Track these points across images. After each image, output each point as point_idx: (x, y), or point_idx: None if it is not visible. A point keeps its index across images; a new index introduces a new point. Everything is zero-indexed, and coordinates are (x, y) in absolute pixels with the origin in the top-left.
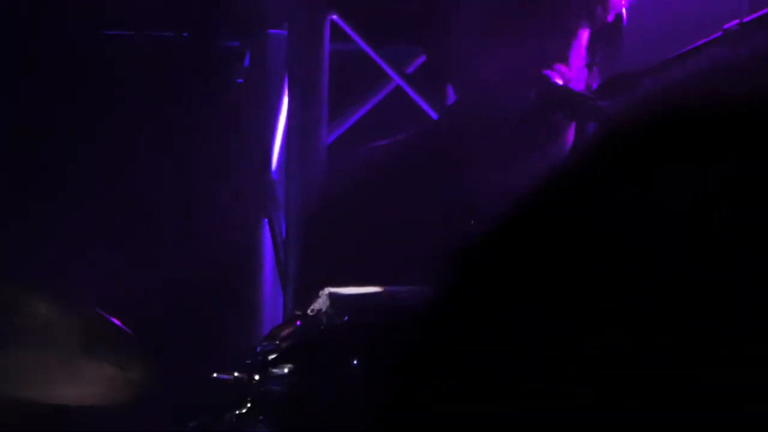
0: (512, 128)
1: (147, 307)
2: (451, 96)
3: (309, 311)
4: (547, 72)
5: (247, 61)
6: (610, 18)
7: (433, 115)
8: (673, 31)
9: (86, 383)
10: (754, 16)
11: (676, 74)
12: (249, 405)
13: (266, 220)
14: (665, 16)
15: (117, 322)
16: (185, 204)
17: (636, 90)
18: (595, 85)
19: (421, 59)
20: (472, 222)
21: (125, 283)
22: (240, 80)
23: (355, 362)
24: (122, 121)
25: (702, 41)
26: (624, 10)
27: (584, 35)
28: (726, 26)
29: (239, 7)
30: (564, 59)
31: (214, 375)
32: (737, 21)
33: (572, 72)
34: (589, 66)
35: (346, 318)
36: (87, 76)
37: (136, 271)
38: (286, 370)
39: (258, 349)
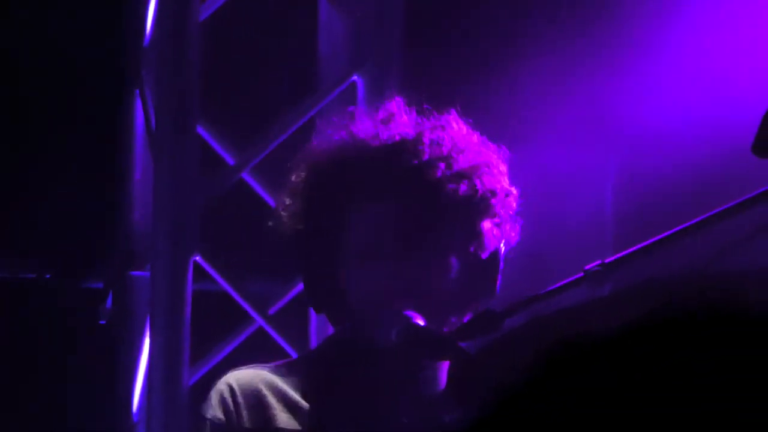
0: (381, 358)
1: None
2: (313, 337)
3: None
4: (408, 312)
5: (109, 303)
6: (484, 255)
7: (295, 355)
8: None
9: None
10: (614, 257)
11: (538, 313)
12: None
13: None
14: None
15: None
16: None
17: (498, 329)
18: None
19: (284, 300)
20: None
21: None
22: (103, 321)
23: None
24: None
25: (564, 281)
26: (502, 247)
27: (453, 271)
28: (587, 267)
29: (102, 249)
30: (431, 295)
31: None
32: (598, 261)
33: (440, 312)
34: (463, 298)
35: None
36: None
37: None
38: None
39: None
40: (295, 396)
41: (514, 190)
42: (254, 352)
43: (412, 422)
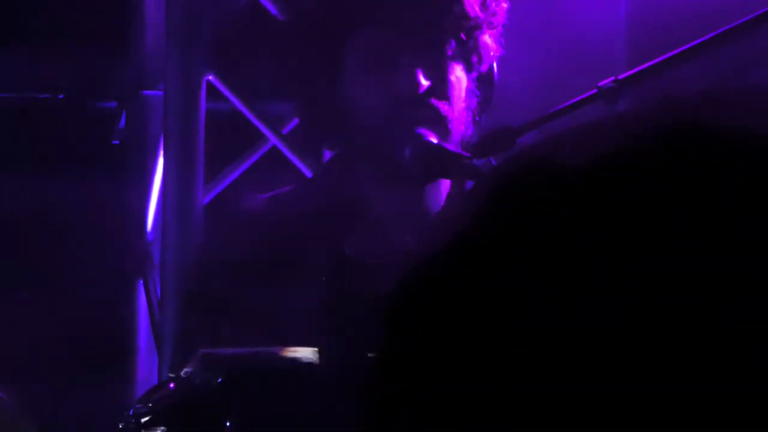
0: (391, 179)
1: (19, 368)
2: (326, 156)
3: (182, 373)
4: (421, 130)
5: (122, 122)
6: (484, 68)
7: (309, 174)
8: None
9: None
10: (628, 73)
11: (552, 130)
12: None
13: (141, 280)
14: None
15: None
16: (59, 265)
17: (511, 146)
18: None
19: (298, 119)
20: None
21: None
22: (116, 141)
23: (228, 423)
24: None
25: (577, 98)
26: (495, 64)
27: (462, 78)
28: (601, 83)
29: (114, 69)
30: (443, 95)
31: None
32: (612, 78)
33: (453, 112)
34: (472, 111)
35: (219, 380)
36: None
37: (6, 334)
38: None
39: (131, 411)
40: (300, 224)
41: (505, 4)
42: (268, 172)
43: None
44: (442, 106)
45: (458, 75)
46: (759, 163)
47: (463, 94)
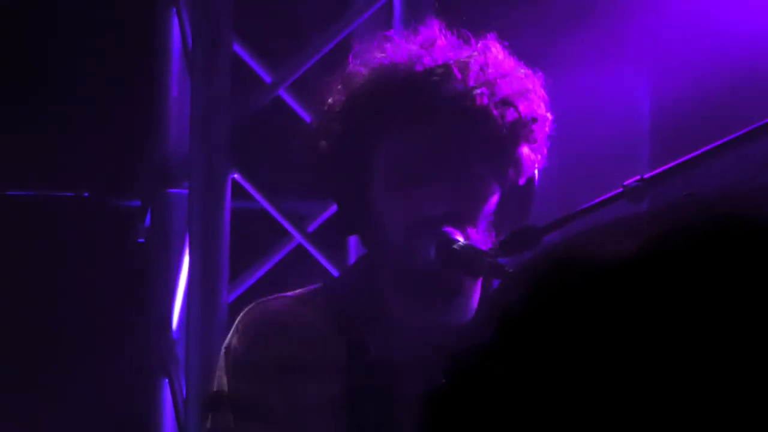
0: (416, 282)
1: None
2: (352, 254)
3: None
4: (447, 228)
5: (148, 221)
6: (522, 181)
7: (335, 272)
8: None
9: None
10: (653, 172)
11: (577, 229)
12: None
13: (167, 380)
14: (569, 170)
15: None
16: (85, 363)
17: (537, 245)
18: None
19: (323, 217)
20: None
21: None
22: (141, 240)
23: None
24: (25, 279)
25: (603, 197)
26: (536, 173)
27: (494, 197)
28: (626, 182)
29: (139, 167)
30: (473, 221)
31: None
32: (638, 177)
33: (479, 234)
34: (497, 225)
35: None
36: None
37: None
38: None
39: None
40: (324, 326)
41: (549, 116)
42: (293, 270)
43: (441, 350)
44: (469, 231)
45: (489, 194)
46: None
47: (490, 212)
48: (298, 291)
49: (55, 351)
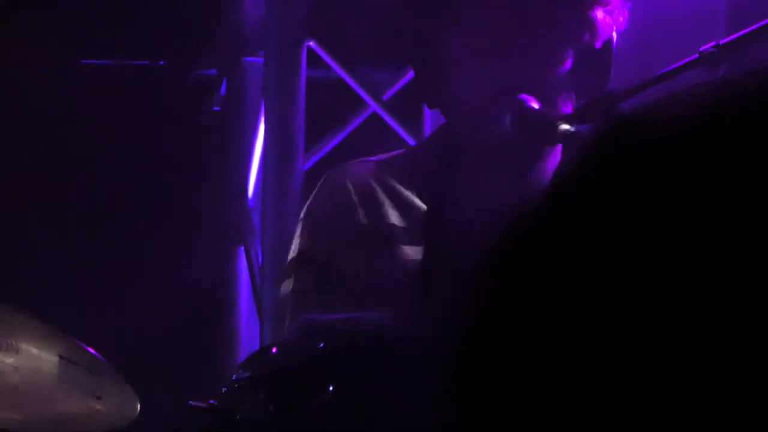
0: (493, 152)
1: (126, 336)
2: (427, 123)
3: (285, 339)
4: (523, 96)
5: (223, 89)
6: (598, 45)
7: (411, 141)
8: (651, 51)
9: (63, 412)
10: (729, 38)
11: (652, 97)
12: None
13: (243, 248)
14: (644, 36)
15: (94, 351)
16: (163, 232)
17: (613, 112)
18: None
19: (398, 85)
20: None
21: (105, 312)
22: (217, 108)
23: (330, 389)
24: (102, 148)
25: (678, 63)
26: (614, 35)
27: (569, 61)
28: (702, 48)
29: (215, 36)
30: (549, 87)
31: (191, 403)
32: (713, 43)
33: (554, 97)
34: (574, 89)
35: (321, 345)
36: (66, 105)
37: (115, 301)
38: (261, 398)
39: (234, 377)
40: (406, 192)
41: None
42: (368, 139)
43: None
44: (546, 97)
45: (566, 59)
46: None
47: (566, 77)
48: (381, 156)
49: (135, 219)
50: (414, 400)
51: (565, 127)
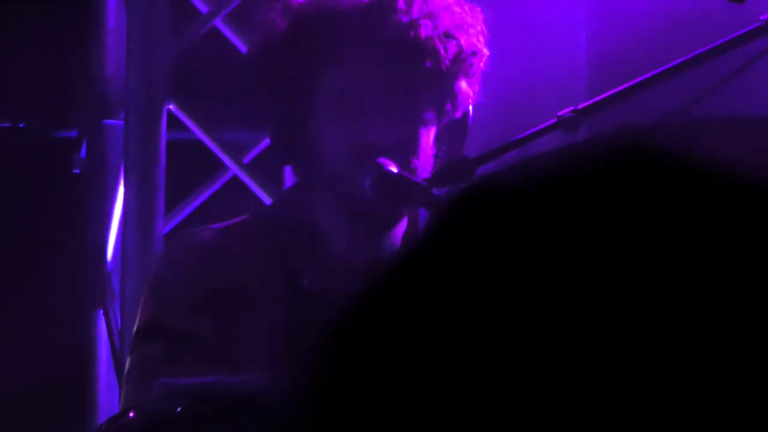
0: (352, 213)
1: None
2: (288, 185)
3: (142, 403)
4: (382, 159)
5: (83, 152)
6: (458, 115)
7: (268, 203)
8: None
9: None
10: (587, 103)
11: (510, 160)
12: None
13: (101, 311)
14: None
15: None
16: (18, 295)
17: (470, 175)
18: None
19: (259, 148)
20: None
21: None
22: (76, 170)
23: None
24: None
25: (537, 127)
26: (470, 108)
27: (433, 129)
28: (560, 113)
29: (76, 98)
30: (413, 153)
31: None
32: (571, 108)
33: (420, 162)
34: (435, 157)
35: (179, 409)
36: None
37: None
38: None
39: None
40: (255, 256)
41: (486, 51)
42: (229, 202)
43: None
44: (410, 159)
45: (428, 126)
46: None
47: (431, 145)
48: (225, 222)
49: None
50: None
51: (423, 191)
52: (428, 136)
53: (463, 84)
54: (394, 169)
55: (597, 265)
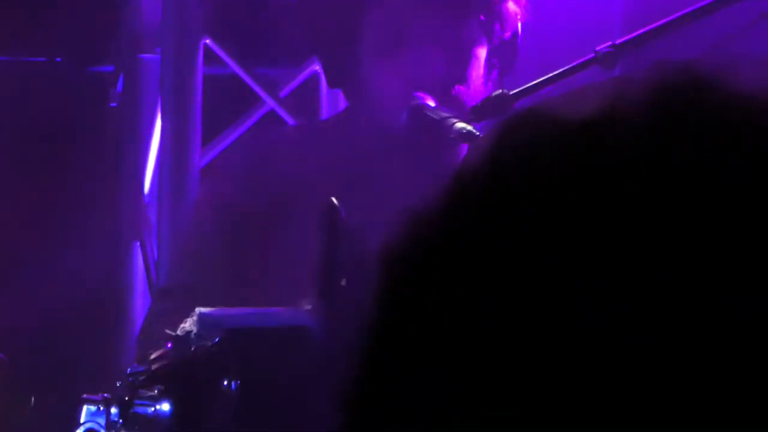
0: (393, 145)
1: (18, 331)
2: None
3: (179, 332)
4: (418, 94)
5: (120, 86)
6: (507, 35)
7: None
8: (550, 50)
9: None
10: (625, 38)
11: (548, 95)
12: (120, 427)
13: (138, 242)
14: (542, 35)
15: None
16: (57, 228)
17: (508, 110)
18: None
19: (295, 83)
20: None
21: None
22: (114, 104)
23: (225, 383)
24: None
25: (574, 62)
26: (519, 27)
27: (483, 53)
28: (598, 48)
29: (112, 32)
30: (463, 79)
31: (84, 397)
32: (609, 43)
33: (470, 91)
34: (492, 82)
35: (216, 339)
36: None
37: (7, 295)
38: (156, 392)
39: (128, 371)
40: (308, 166)
41: None
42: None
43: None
44: (460, 89)
45: (479, 51)
46: (741, 126)
47: (482, 70)
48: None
49: (27, 214)
50: (316, 393)
51: (460, 125)
52: (478, 61)
53: (511, 3)
54: (431, 103)
55: (599, 255)
